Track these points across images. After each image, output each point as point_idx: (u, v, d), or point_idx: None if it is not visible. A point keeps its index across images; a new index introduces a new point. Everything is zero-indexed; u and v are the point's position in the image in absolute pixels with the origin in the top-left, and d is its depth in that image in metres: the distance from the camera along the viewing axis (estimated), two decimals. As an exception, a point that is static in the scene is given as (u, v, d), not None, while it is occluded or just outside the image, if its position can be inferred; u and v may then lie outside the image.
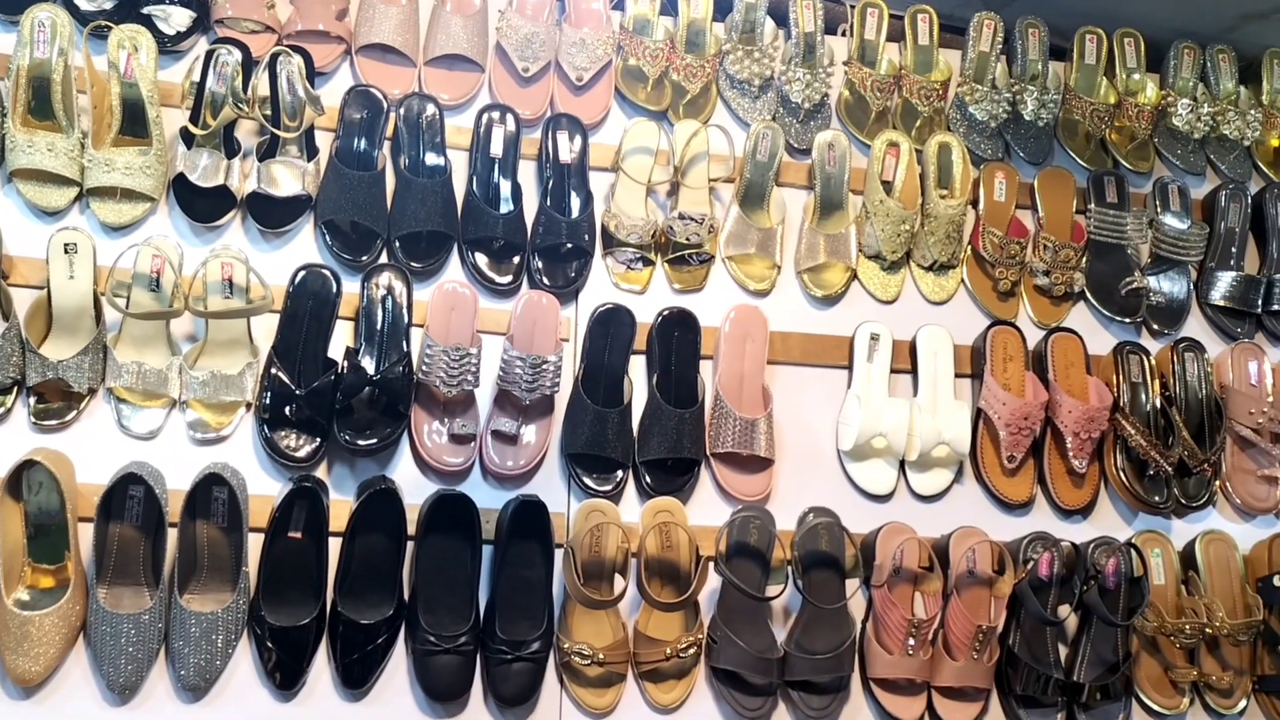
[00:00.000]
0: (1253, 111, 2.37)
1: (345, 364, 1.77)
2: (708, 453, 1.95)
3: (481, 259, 1.97)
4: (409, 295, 1.89)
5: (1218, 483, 2.16)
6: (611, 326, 1.97)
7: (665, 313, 2.01)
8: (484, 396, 1.89)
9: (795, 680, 1.84)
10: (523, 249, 1.98)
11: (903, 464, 2.06)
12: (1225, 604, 2.03)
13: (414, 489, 1.83)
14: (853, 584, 1.92)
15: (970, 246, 2.21)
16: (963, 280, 2.21)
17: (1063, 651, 2.01)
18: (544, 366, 1.85)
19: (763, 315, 2.05)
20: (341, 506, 1.76)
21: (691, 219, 2.03)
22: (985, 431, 2.09)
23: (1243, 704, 2.05)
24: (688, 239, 2.03)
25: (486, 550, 1.82)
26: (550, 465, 1.92)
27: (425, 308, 1.90)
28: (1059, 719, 1.96)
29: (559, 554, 1.82)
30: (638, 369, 1.99)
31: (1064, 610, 1.98)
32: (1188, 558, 2.10)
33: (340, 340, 1.86)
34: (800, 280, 2.14)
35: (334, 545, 1.74)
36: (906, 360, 2.13)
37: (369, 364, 1.83)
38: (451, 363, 1.80)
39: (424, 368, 1.81)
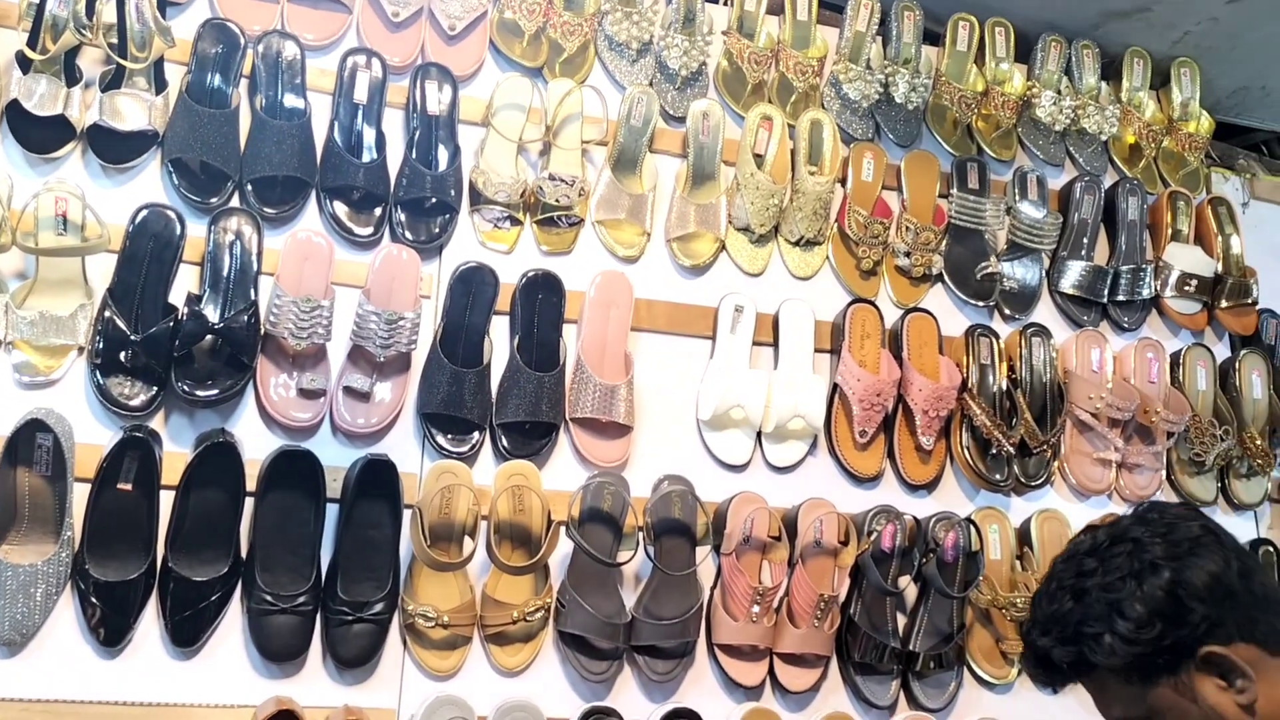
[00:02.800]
0: (1111, 107, 2.46)
1: (186, 310, 1.69)
2: (566, 417, 1.94)
3: (341, 209, 1.91)
4: (259, 242, 1.81)
5: (1056, 464, 2.26)
6: (474, 285, 1.93)
7: (530, 274, 1.98)
8: (337, 352, 1.84)
9: (641, 645, 1.86)
10: (384, 200, 1.92)
11: (759, 435, 2.09)
12: (1054, 579, 2.13)
13: (259, 444, 1.77)
14: (703, 551, 1.94)
15: (836, 224, 2.24)
16: (827, 257, 2.24)
17: (901, 621, 2.07)
18: (400, 323, 1.80)
19: (629, 282, 2.04)
20: (177, 459, 1.69)
21: (562, 180, 2.00)
22: (840, 406, 2.13)
23: (1065, 674, 2.16)
24: (557, 200, 2.00)
25: (332, 509, 1.78)
26: (404, 424, 1.88)
27: (277, 256, 1.82)
28: (893, 686, 2.03)
29: (408, 515, 1.78)
30: (499, 330, 1.96)
31: (904, 581, 2.04)
32: (1023, 534, 2.20)
33: (184, 286, 1.78)
34: (669, 249, 2.13)
35: (168, 499, 1.67)
36: (769, 333, 2.15)
37: (212, 312, 1.75)
38: (301, 314, 1.74)
39: (272, 318, 1.75)
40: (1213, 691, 1.12)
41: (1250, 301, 2.47)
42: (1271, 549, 2.32)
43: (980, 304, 2.30)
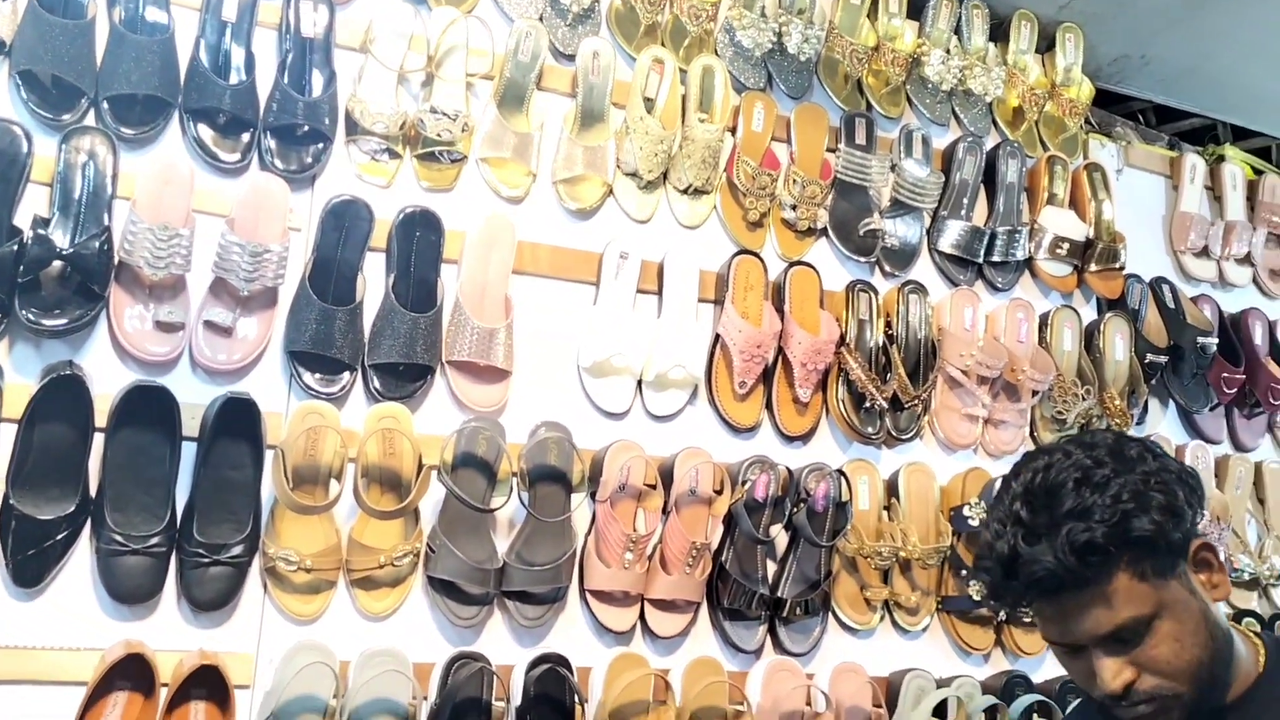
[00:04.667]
0: (998, 69, 2.49)
1: (32, 233, 1.58)
2: (443, 360, 1.90)
3: (206, 132, 1.81)
4: (115, 164, 1.71)
5: (926, 418, 2.32)
6: (347, 220, 1.86)
7: (408, 210, 1.91)
8: (198, 284, 1.75)
9: (512, 591, 1.85)
10: (253, 126, 1.83)
11: (640, 383, 2.08)
12: (920, 530, 2.19)
13: (112, 378, 1.68)
14: (578, 498, 1.93)
15: (725, 174, 2.23)
16: (715, 207, 2.23)
17: (771, 569, 2.11)
18: (266, 256, 1.73)
19: (511, 223, 1.99)
20: (20, 391, 1.59)
21: (444, 114, 1.93)
22: (721, 357, 2.14)
23: (926, 621, 2.24)
24: (439, 135, 1.93)
25: (190, 448, 1.70)
26: (270, 363, 1.81)
27: (133, 180, 1.72)
28: (761, 631, 2.07)
29: (271, 456, 1.72)
30: (374, 268, 1.89)
31: (775, 530, 2.07)
32: (892, 486, 2.25)
33: (31, 207, 1.66)
34: (555, 190, 2.09)
35: (9, 433, 1.58)
36: (653, 281, 2.13)
37: (61, 236, 1.64)
38: (158, 242, 1.65)
39: (126, 246, 1.65)
40: (1202, 586, 1.16)
41: (1118, 266, 2.55)
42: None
43: (862, 260, 2.32)
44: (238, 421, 1.69)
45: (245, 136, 1.83)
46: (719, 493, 2.05)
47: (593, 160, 2.08)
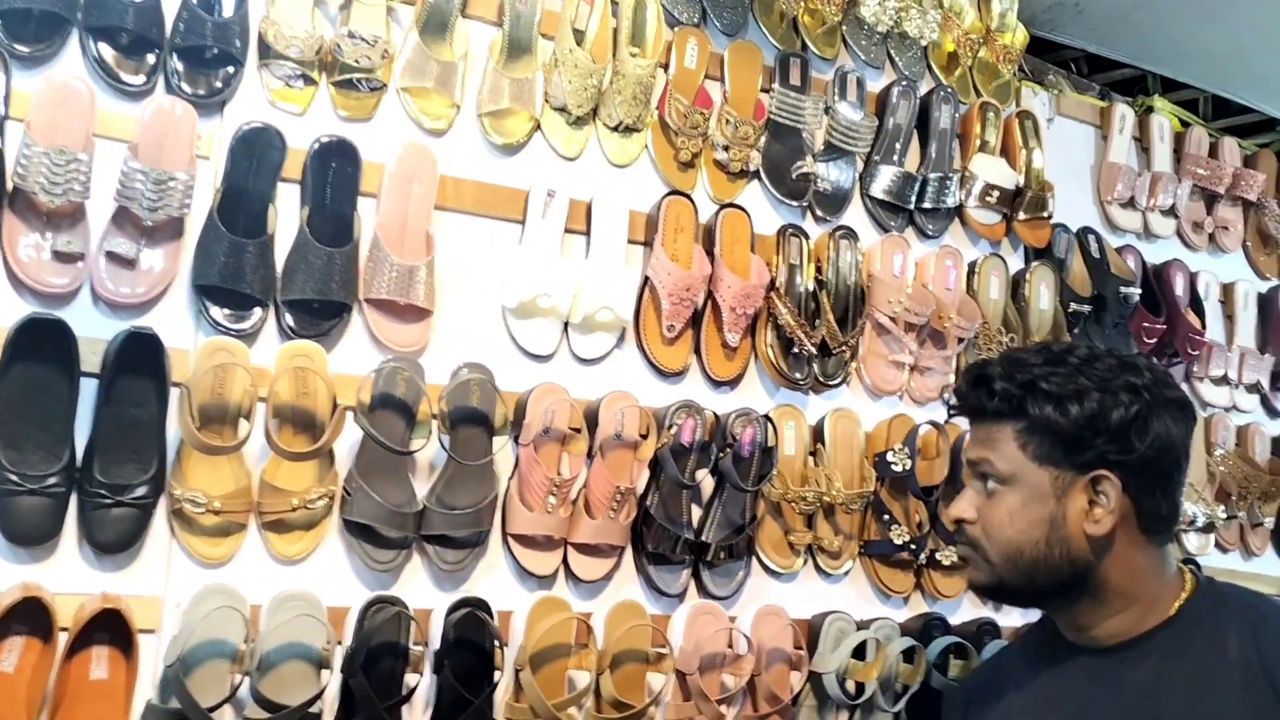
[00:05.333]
0: (933, 12, 2.46)
1: (-89, 155, 1.48)
2: (360, 297, 1.83)
3: (107, 52, 1.71)
4: (7, 83, 1.61)
5: (854, 365, 2.31)
6: (259, 148, 1.77)
7: (324, 140, 1.83)
8: (100, 213, 1.66)
9: (432, 535, 1.81)
10: (159, 46, 1.73)
11: (566, 325, 2.04)
12: (844, 476, 2.20)
13: (7, 310, 1.59)
14: (500, 441, 1.89)
15: (657, 112, 2.17)
16: (646, 146, 2.18)
17: (696, 513, 2.10)
18: (171, 184, 1.64)
19: (433, 156, 1.92)
20: (-98, 324, 1.50)
21: (363, 40, 1.85)
22: (649, 299, 2.10)
23: (848, 565, 2.25)
24: (357, 61, 1.85)
25: (90, 385, 1.63)
26: (177, 297, 1.73)
27: (28, 100, 1.62)
28: (684, 575, 2.06)
29: (176, 394, 1.65)
30: (287, 199, 1.81)
31: (700, 475, 2.06)
32: (818, 431, 2.25)
33: (-89, 126, 1.56)
34: (480, 124, 2.02)
35: (-110, 368, 1.49)
36: (581, 221, 2.08)
37: (-55, 158, 1.54)
38: (54, 167, 1.56)
39: (20, 171, 1.56)
40: (1076, 504, 1.21)
41: (1046, 215, 2.56)
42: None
43: (794, 203, 2.29)
44: (141, 357, 1.62)
45: (150, 58, 1.73)
46: (645, 437, 2.02)
47: (520, 93, 2.01)
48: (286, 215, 1.80)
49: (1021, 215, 2.53)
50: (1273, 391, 2.97)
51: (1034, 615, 1.41)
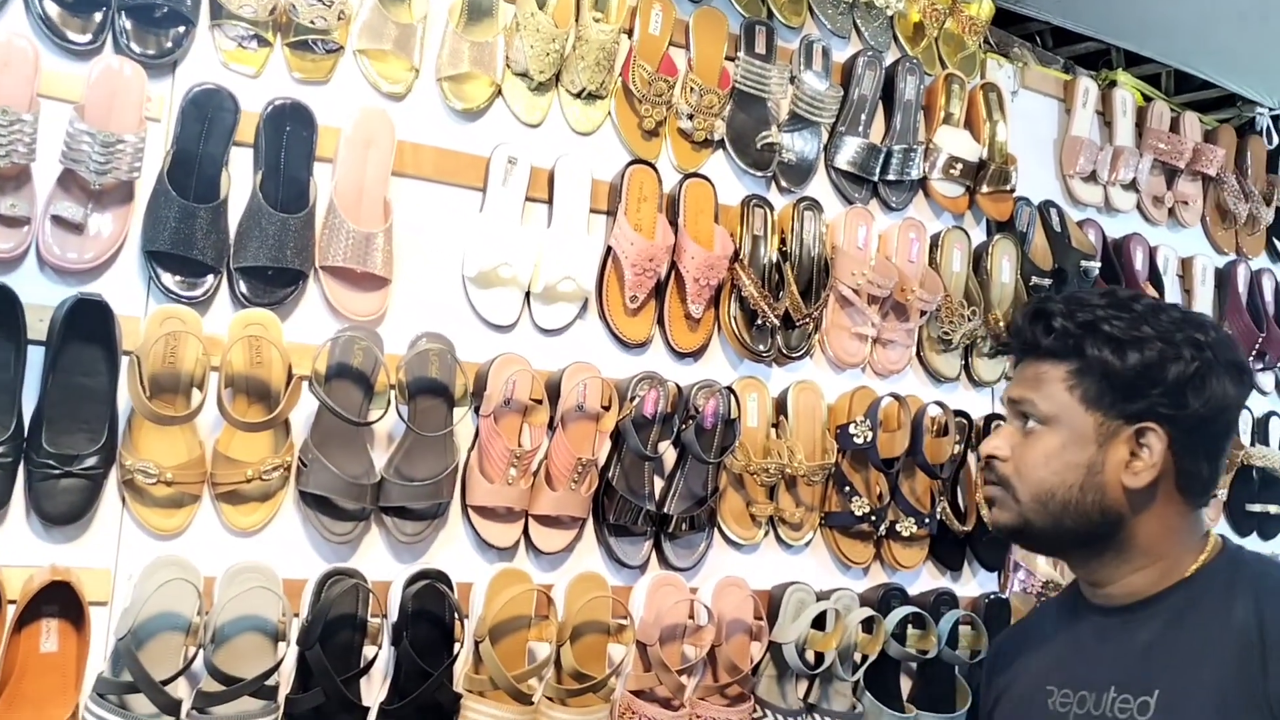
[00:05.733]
0: (900, -17, 2.45)
1: None
2: (316, 265, 1.80)
3: (52, 8, 1.66)
4: (-56, 39, 1.55)
5: (817, 337, 2.31)
6: (210, 110, 1.73)
7: (278, 103, 1.79)
8: (46, 176, 1.61)
9: (390, 506, 1.79)
10: (106, 4, 1.68)
11: (528, 295, 2.02)
12: (806, 448, 2.20)
13: (-53, 275, 1.55)
14: (460, 412, 1.87)
15: (620, 79, 2.14)
16: (610, 113, 2.15)
17: (658, 485, 2.09)
18: (119, 147, 1.60)
19: (391, 121, 1.88)
20: None
21: (319, 0, 1.80)
22: (612, 270, 2.08)
23: (809, 536, 2.26)
24: (313, 22, 1.80)
25: (37, 353, 1.58)
26: (127, 263, 1.69)
27: (-33, 58, 1.56)
28: (646, 547, 2.06)
29: (126, 362, 1.62)
30: (240, 163, 1.77)
31: (663, 446, 2.05)
32: (780, 403, 2.25)
33: None
34: (439, 88, 1.98)
35: None
36: (543, 189, 2.05)
37: (-120, 117, 1.49)
38: (-4, 128, 1.50)
39: (-41, 131, 1.50)
40: (1117, 454, 1.17)
41: (1009, 188, 2.56)
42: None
43: (759, 174, 2.28)
44: (89, 325, 1.58)
45: (97, 16, 1.68)
46: (607, 408, 2.01)
47: (480, 57, 1.98)
48: (239, 180, 1.76)
49: (984, 188, 2.53)
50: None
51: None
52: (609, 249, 2.08)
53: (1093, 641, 1.22)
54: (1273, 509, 3.01)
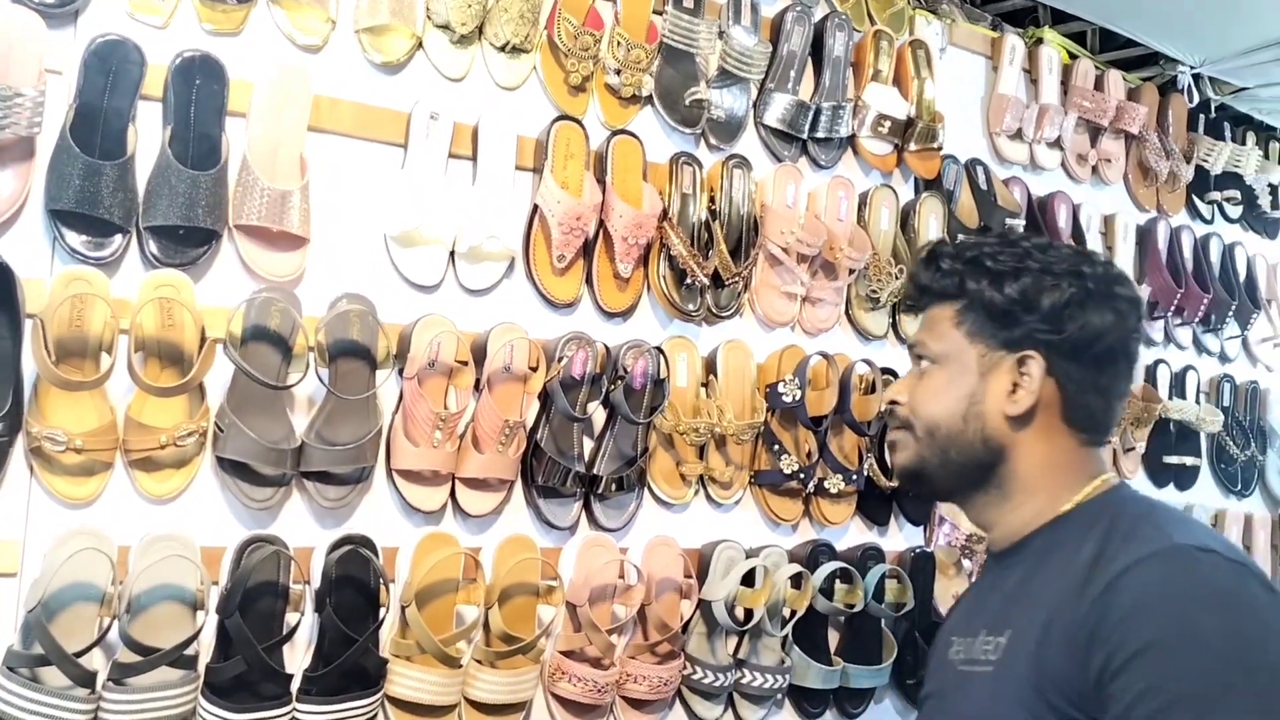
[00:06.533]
0: (829, -62, 2.42)
1: None
2: (230, 224, 1.74)
3: (-62, -48, 1.56)
4: None
5: (746, 295, 2.31)
6: (115, 63, 1.65)
7: (187, 55, 1.72)
8: (-65, 129, 1.53)
9: (312, 471, 1.75)
10: (-3, -52, 1.59)
11: (452, 254, 1.98)
12: (735, 407, 2.20)
13: None
14: (383, 375, 1.84)
15: (546, 32, 2.10)
16: (535, 67, 2.10)
17: (587, 446, 2.08)
18: (17, 101, 1.53)
19: (307, 74, 1.82)
20: None
21: (228, -53, 1.73)
22: (539, 228, 2.05)
23: (739, 495, 2.27)
24: (222, -29, 1.73)
25: (-68, 317, 1.52)
26: (29, 222, 1.62)
27: None
28: (575, 508, 2.05)
29: (30, 326, 1.55)
30: (149, 118, 1.70)
31: (592, 407, 2.04)
32: (710, 363, 2.24)
33: None
34: (358, 40, 1.92)
35: None
36: (467, 145, 2.01)
37: None
38: (-122, 80, 1.42)
39: None
40: (999, 383, 1.18)
41: (936, 146, 2.57)
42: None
43: (687, 131, 2.25)
44: (-13, 288, 1.51)
45: (-13, -40, 1.59)
46: (534, 369, 1.99)
47: (399, 8, 1.92)
48: (148, 135, 1.69)
49: (912, 146, 2.54)
50: (1149, 321, 3.07)
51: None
52: (535, 207, 2.05)
53: (985, 588, 1.25)
54: (1189, 461, 3.11)
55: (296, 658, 1.73)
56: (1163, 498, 3.06)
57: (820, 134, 2.41)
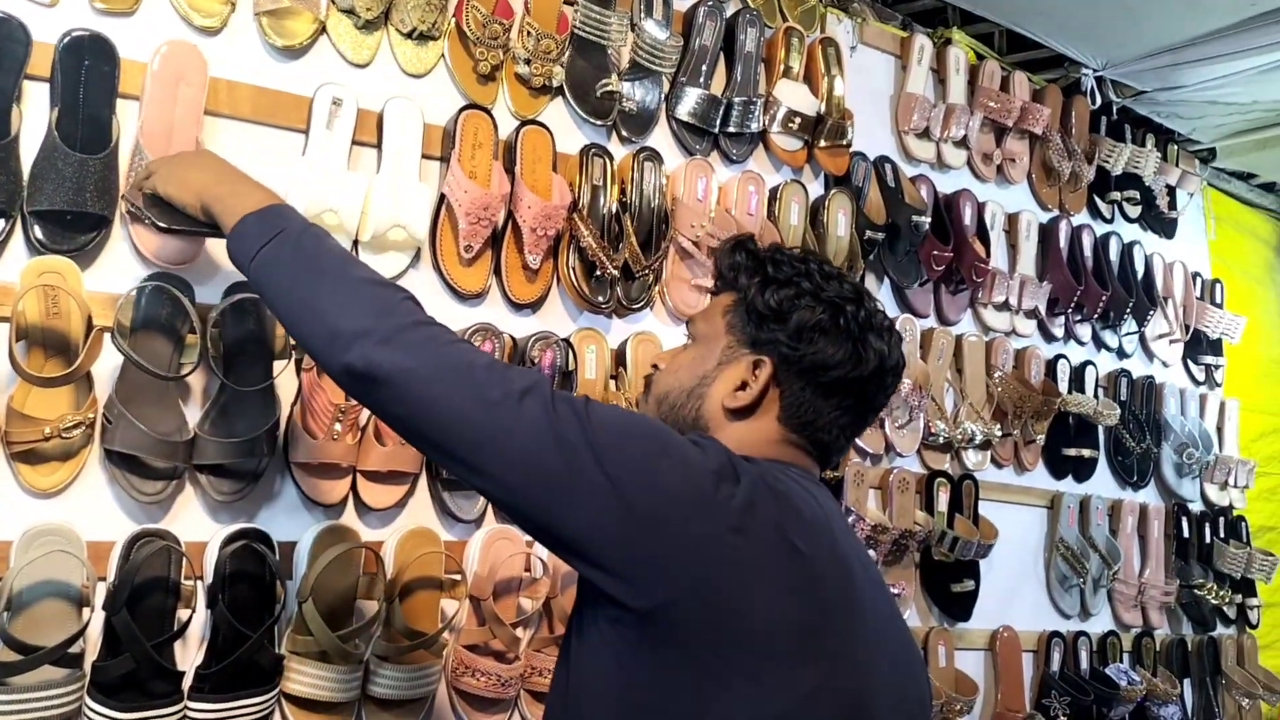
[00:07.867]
0: (742, -66, 2.43)
1: None
2: (121, 210, 1.69)
3: None
4: None
5: (657, 288, 2.31)
6: (-3, 40, 1.59)
7: (75, 34, 1.66)
8: None
9: (205, 464, 1.71)
10: None
11: (356, 244, 1.95)
12: (644, 399, 2.20)
13: None
14: (280, 365, 1.80)
15: (454, 19, 2.07)
16: (443, 55, 2.08)
17: (493, 438, 2.07)
18: (-114, 77, 1.45)
19: (203, 56, 1.77)
20: None
21: (120, -77, 1.67)
22: (446, 218, 2.03)
23: (648, 486, 2.27)
24: (113, -53, 1.68)
25: None
26: (-99, 204, 1.55)
27: None
28: (481, 501, 2.03)
29: (-99, 313, 1.49)
30: (34, 99, 1.64)
31: (498, 400, 2.02)
32: (619, 355, 2.24)
33: None
34: (257, 23, 1.87)
35: None
36: (372, 133, 1.97)
37: None
38: None
39: None
40: (730, 375, 1.28)
41: (845, 143, 2.60)
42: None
43: (599, 123, 2.25)
44: None
45: None
46: (439, 360, 1.96)
47: (302, -8, 1.88)
48: (33, 117, 1.63)
49: (822, 143, 2.57)
50: (1049, 317, 3.16)
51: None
52: (442, 197, 2.02)
53: None
54: (1087, 453, 3.20)
55: (189, 655, 1.69)
56: (1062, 488, 3.16)
57: (731, 129, 2.43)
